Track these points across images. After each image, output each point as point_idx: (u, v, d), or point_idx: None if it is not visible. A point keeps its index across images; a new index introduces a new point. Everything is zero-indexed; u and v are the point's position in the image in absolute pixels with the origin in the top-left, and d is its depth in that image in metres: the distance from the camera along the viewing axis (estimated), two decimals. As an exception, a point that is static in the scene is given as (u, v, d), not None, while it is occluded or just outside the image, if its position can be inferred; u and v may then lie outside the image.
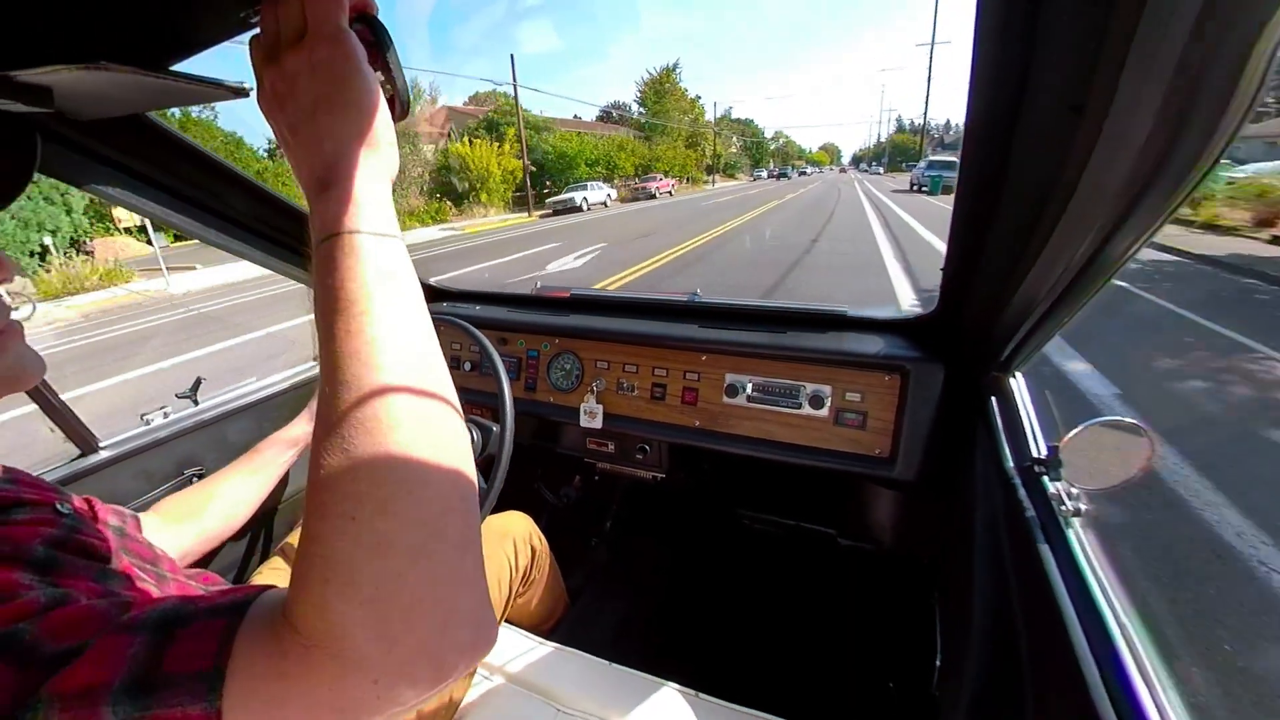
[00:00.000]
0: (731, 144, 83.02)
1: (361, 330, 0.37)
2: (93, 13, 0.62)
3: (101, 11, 0.62)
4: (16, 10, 0.55)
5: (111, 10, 0.62)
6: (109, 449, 1.09)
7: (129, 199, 0.96)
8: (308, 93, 0.42)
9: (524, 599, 1.21)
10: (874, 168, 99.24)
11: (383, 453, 0.34)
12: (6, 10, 0.56)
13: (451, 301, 1.68)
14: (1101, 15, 0.43)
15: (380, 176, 0.44)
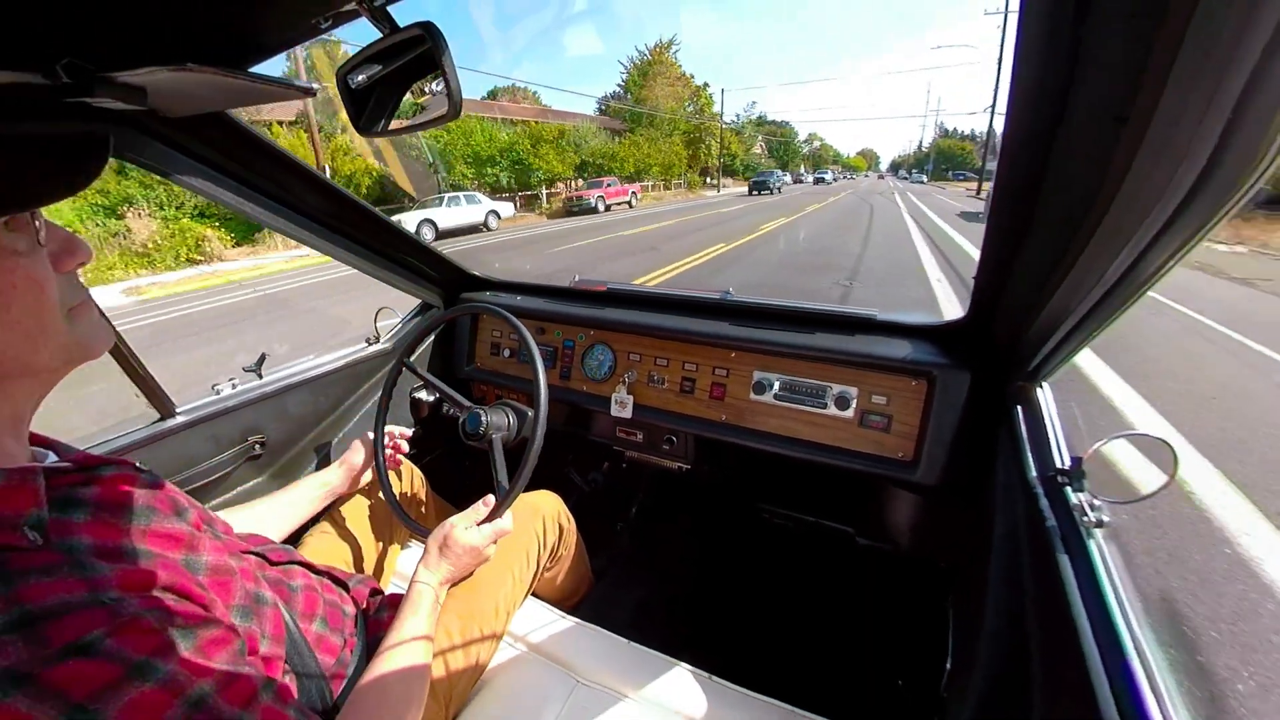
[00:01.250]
0: (755, 144, 73.68)
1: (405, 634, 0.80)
2: (180, 19, 0.67)
3: (188, 18, 0.67)
4: (114, 17, 0.61)
5: (197, 17, 0.68)
6: (184, 414, 1.18)
7: (208, 189, 1.03)
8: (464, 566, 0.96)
9: (550, 574, 1.25)
10: (915, 175, 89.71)
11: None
12: (105, 17, 0.61)
13: (494, 291, 1.73)
14: (1148, 25, 0.43)
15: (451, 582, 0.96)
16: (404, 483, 1.32)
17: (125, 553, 0.51)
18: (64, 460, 0.58)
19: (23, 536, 0.45)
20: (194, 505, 0.68)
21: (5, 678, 0.38)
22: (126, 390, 1.11)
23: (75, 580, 0.45)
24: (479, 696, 0.96)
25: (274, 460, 1.38)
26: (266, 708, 0.51)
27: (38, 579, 0.43)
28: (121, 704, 0.41)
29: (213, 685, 0.47)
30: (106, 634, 0.43)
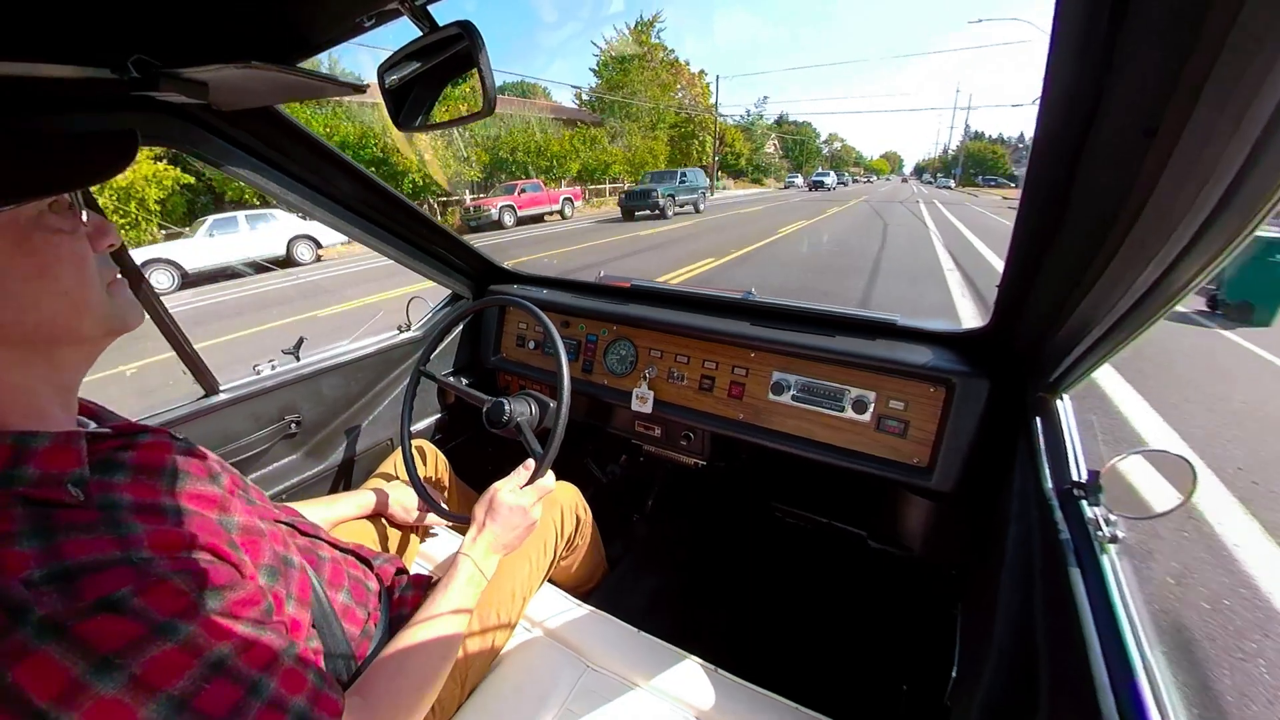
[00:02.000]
0: (767, 143, 64.24)
1: (438, 608, 0.83)
2: (238, 19, 0.70)
3: (245, 17, 0.71)
4: (178, 17, 0.64)
5: (252, 16, 0.71)
6: (227, 392, 1.23)
7: (256, 179, 1.08)
8: (512, 529, 0.98)
9: (566, 562, 1.27)
10: (941, 180, 76.51)
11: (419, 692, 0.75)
12: (171, 17, 0.64)
13: (522, 284, 1.76)
14: (1184, 40, 0.43)
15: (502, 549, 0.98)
16: (428, 467, 1.36)
17: (161, 511, 0.54)
18: (106, 427, 0.62)
19: (66, 492, 0.49)
20: (228, 471, 0.71)
21: (41, 627, 0.41)
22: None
23: (110, 539, 0.48)
24: (492, 677, 0.99)
25: (308, 439, 1.43)
26: (288, 670, 0.53)
27: (77, 535, 0.46)
28: (144, 660, 0.44)
29: (233, 648, 0.49)
30: (134, 592, 0.45)
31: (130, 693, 0.43)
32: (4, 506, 0.45)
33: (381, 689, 0.70)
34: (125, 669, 0.43)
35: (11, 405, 0.51)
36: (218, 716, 0.46)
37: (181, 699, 0.45)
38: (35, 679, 0.40)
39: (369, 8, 0.75)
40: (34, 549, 0.44)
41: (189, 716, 0.45)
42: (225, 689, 0.48)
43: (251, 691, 0.49)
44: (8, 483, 0.47)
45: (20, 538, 0.44)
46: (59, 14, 0.56)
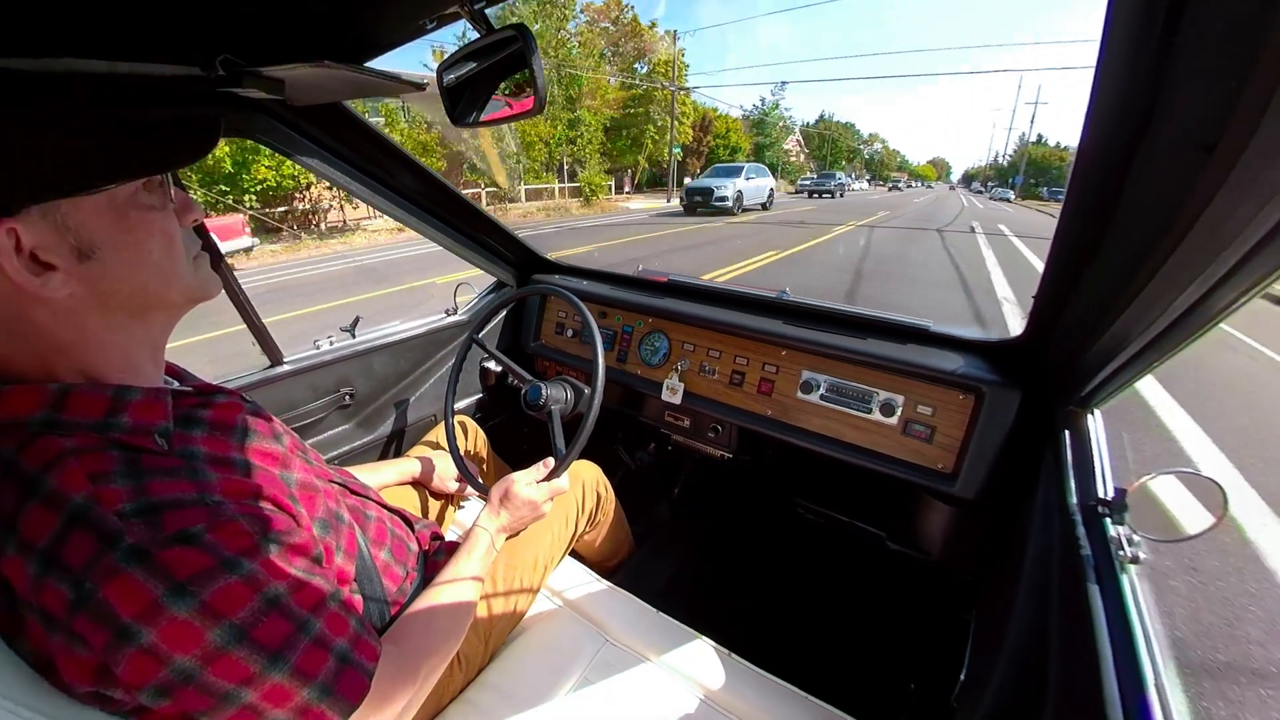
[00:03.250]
0: (786, 139, 50.94)
1: (460, 571, 0.89)
2: (312, 21, 0.75)
3: (319, 20, 0.75)
4: (260, 20, 0.69)
5: (325, 19, 0.75)
6: (290, 364, 1.31)
7: (323, 169, 1.14)
8: (521, 519, 1.05)
9: (590, 537, 1.31)
10: (995, 190, 63.75)
11: (444, 642, 0.79)
12: (254, 20, 0.69)
13: (563, 275, 1.80)
14: (1247, 53, 0.41)
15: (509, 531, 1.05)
16: (469, 441, 1.42)
17: (231, 464, 0.59)
18: (187, 386, 0.68)
19: (153, 441, 0.54)
20: (289, 433, 0.76)
21: (129, 552, 0.46)
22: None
23: (188, 482, 0.53)
24: (516, 641, 1.04)
25: (359, 411, 1.51)
26: (332, 614, 0.58)
27: (162, 478, 0.52)
28: (213, 589, 0.48)
29: (287, 588, 0.54)
30: (206, 529, 0.50)
31: (199, 616, 0.47)
32: (102, 449, 0.51)
33: (412, 639, 0.75)
34: (196, 595, 0.47)
35: (110, 362, 0.57)
36: (271, 647, 0.51)
37: (241, 627, 0.49)
38: (121, 597, 0.45)
39: (431, 11, 0.79)
40: (126, 486, 0.49)
41: (247, 644, 0.49)
42: (279, 623, 0.52)
43: (301, 629, 0.54)
44: (105, 429, 0.52)
45: (115, 476, 0.49)
46: (158, 20, 0.61)
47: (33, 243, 0.48)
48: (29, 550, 0.46)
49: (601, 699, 0.92)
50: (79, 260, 0.51)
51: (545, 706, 0.91)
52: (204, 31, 0.66)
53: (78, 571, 0.45)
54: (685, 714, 0.89)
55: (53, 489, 0.47)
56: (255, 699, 0.50)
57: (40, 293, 0.49)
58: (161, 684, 0.46)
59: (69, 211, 0.50)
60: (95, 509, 0.47)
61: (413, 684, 0.69)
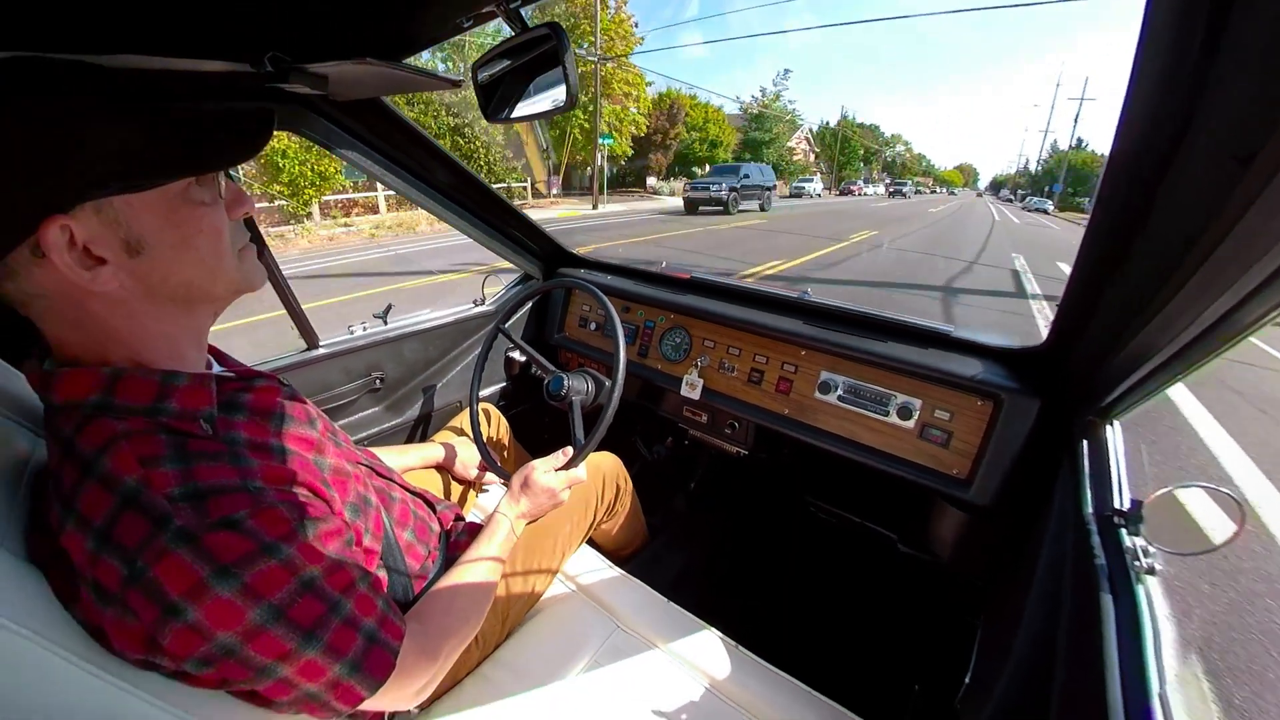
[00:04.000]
0: (790, 136, 43.22)
1: (481, 554, 0.91)
2: (355, 20, 0.77)
3: (361, 19, 0.77)
4: (306, 19, 0.71)
5: (367, 18, 0.77)
6: (325, 348, 1.35)
7: (361, 161, 1.17)
8: (539, 506, 1.06)
9: (607, 526, 1.33)
10: (1030, 200, 52.68)
11: (464, 623, 0.82)
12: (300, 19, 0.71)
13: (588, 269, 1.82)
14: None
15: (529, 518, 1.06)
16: (491, 428, 1.45)
17: (270, 450, 0.61)
18: (228, 371, 0.70)
19: (199, 426, 0.56)
20: (322, 417, 0.79)
21: (178, 534, 0.48)
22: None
23: (231, 468, 0.55)
24: (531, 621, 1.06)
25: (389, 395, 1.55)
26: (361, 595, 0.60)
27: (207, 462, 0.54)
28: (253, 572, 0.50)
29: (321, 570, 0.56)
30: (249, 515, 0.52)
31: (241, 597, 0.49)
32: (152, 432, 0.53)
33: (434, 619, 0.77)
34: (239, 577, 0.50)
35: (158, 349, 0.59)
36: (305, 626, 0.53)
37: (279, 607, 0.52)
38: (170, 576, 0.47)
39: (468, 10, 0.80)
40: (175, 470, 0.51)
41: (283, 623, 0.52)
42: (313, 604, 0.54)
43: (333, 609, 0.56)
44: (154, 414, 0.55)
45: (164, 460, 0.51)
46: (212, 17, 0.63)
47: (85, 237, 0.49)
48: (86, 527, 0.49)
49: (610, 682, 0.94)
50: (129, 255, 0.52)
51: (555, 686, 0.93)
52: (254, 29, 0.69)
53: (130, 550, 0.47)
54: (690, 702, 0.90)
55: (107, 471, 0.50)
56: (290, 673, 0.53)
57: (90, 286, 0.51)
58: (204, 656, 0.49)
59: (121, 207, 0.51)
60: (146, 492, 0.49)
61: (434, 662, 0.72)
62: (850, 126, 65.28)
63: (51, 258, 0.48)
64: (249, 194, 0.65)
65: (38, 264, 0.49)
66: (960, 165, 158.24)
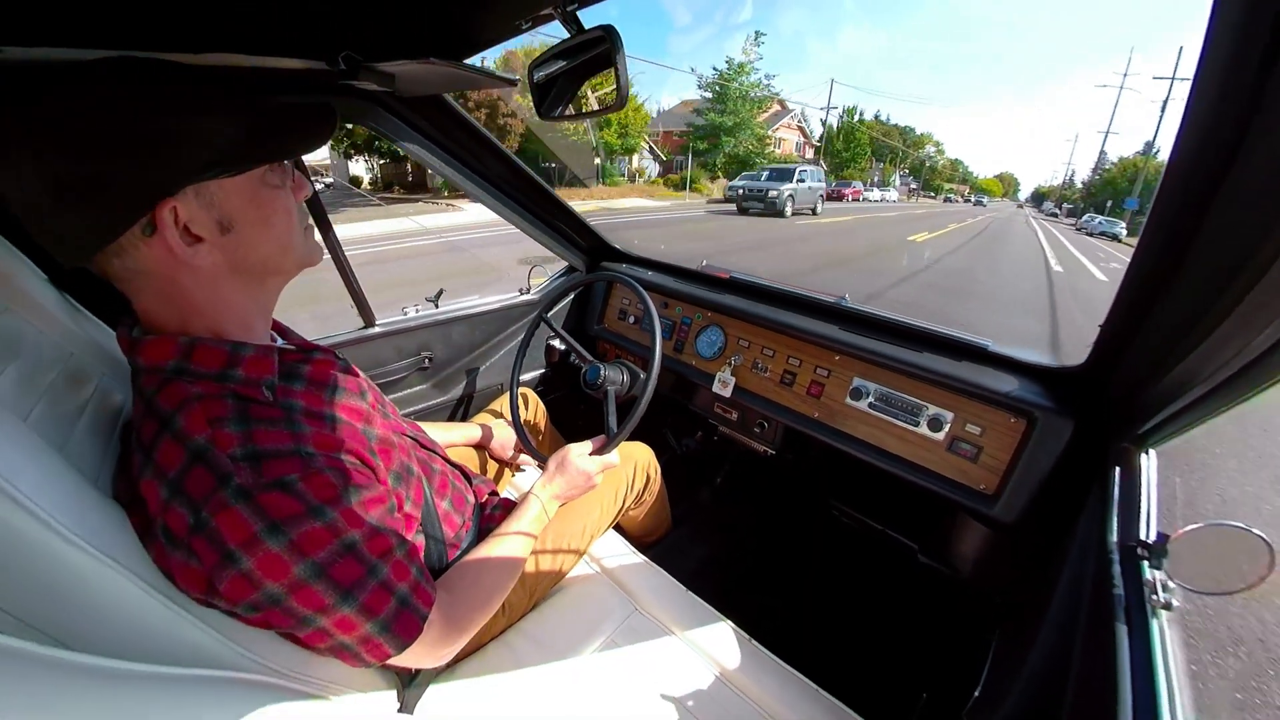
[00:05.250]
0: (776, 124, 36.11)
1: (511, 530, 0.93)
2: (420, 22, 0.80)
3: (426, 21, 0.80)
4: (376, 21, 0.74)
5: (432, 20, 0.80)
6: (381, 326, 1.42)
7: (422, 154, 1.22)
8: (574, 487, 1.07)
9: (634, 513, 1.35)
10: (1092, 220, 33.16)
11: (490, 597, 0.85)
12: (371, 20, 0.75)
13: (630, 264, 1.83)
14: None
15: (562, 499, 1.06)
16: (529, 412, 1.48)
17: (323, 418, 0.65)
18: (290, 344, 0.75)
19: (261, 393, 0.61)
20: (372, 389, 0.83)
21: (237, 490, 0.52)
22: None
23: (287, 434, 0.59)
24: (555, 597, 1.09)
25: (436, 374, 1.61)
26: (397, 561, 0.63)
27: (266, 427, 0.58)
28: (300, 531, 0.54)
29: (362, 535, 0.59)
30: (299, 479, 0.56)
31: (288, 552, 0.53)
32: (220, 396, 0.58)
33: (463, 587, 0.80)
34: (287, 534, 0.53)
35: (232, 321, 0.63)
36: (344, 585, 0.57)
37: (321, 566, 0.55)
38: (228, 527, 0.51)
39: (527, 12, 0.82)
40: (238, 432, 0.55)
41: (324, 580, 0.55)
42: (352, 566, 0.58)
43: (370, 572, 0.59)
44: (223, 379, 0.59)
45: (229, 422, 0.56)
46: (294, 20, 0.67)
47: (187, 217, 0.54)
48: (161, 476, 0.53)
49: (624, 661, 0.96)
50: (221, 233, 0.57)
51: (573, 660, 0.96)
52: (330, 31, 0.73)
53: (197, 501, 0.52)
54: (699, 688, 0.91)
55: (181, 428, 0.54)
56: (327, 625, 0.57)
57: (190, 261, 0.56)
58: (253, 603, 0.53)
59: (215, 190, 0.56)
60: (212, 450, 0.53)
61: (458, 630, 0.75)
62: (871, 126, 51.03)
63: (163, 235, 0.54)
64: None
65: (145, 242, 0.54)
66: (1000, 174, 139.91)
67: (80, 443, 0.61)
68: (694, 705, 0.89)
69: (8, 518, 0.45)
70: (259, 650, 0.59)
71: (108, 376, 0.72)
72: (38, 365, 0.63)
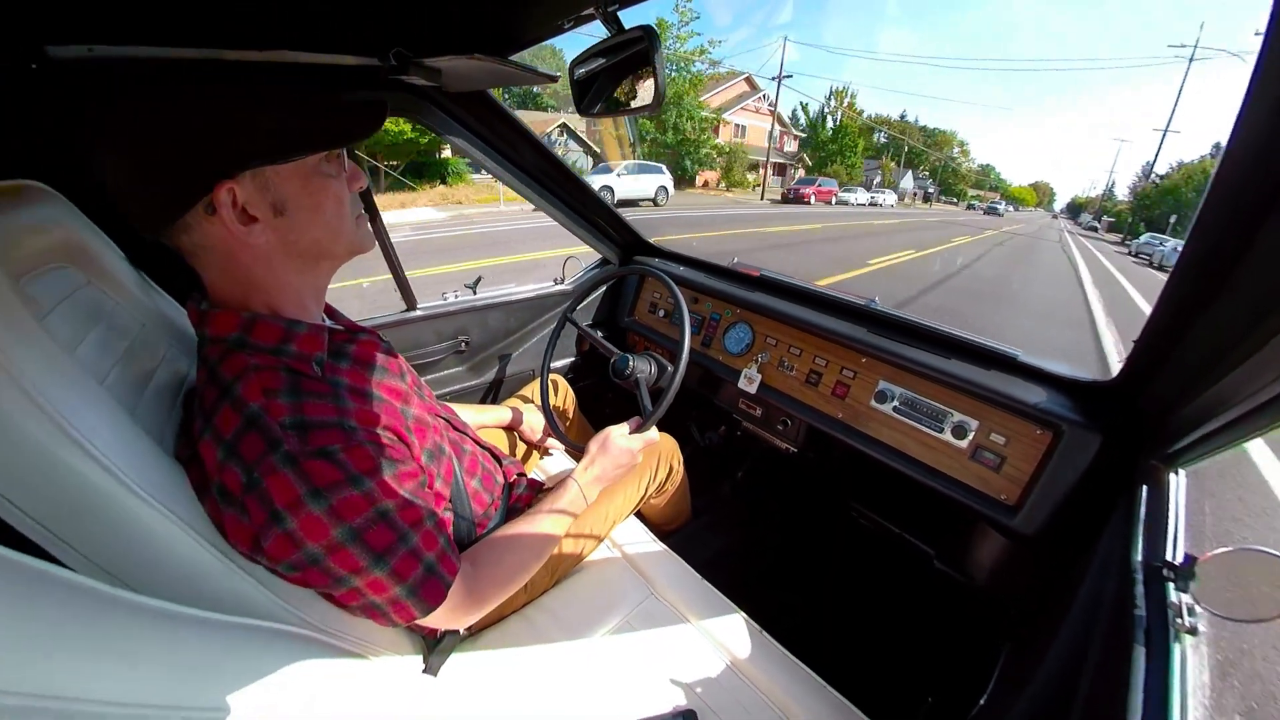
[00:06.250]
0: (723, 113, 29.04)
1: (543, 509, 0.93)
2: (467, 20, 0.82)
3: (472, 19, 0.82)
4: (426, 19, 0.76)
5: (478, 19, 0.82)
6: (422, 310, 1.46)
7: (465, 147, 1.25)
8: (617, 465, 1.06)
9: (656, 501, 1.35)
10: (1156, 243, 20.60)
11: (514, 574, 0.85)
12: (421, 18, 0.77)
13: (663, 259, 1.83)
14: None
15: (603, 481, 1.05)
16: (558, 398, 1.51)
17: (366, 395, 0.68)
18: (338, 324, 0.78)
19: (311, 368, 0.64)
20: (410, 371, 0.86)
21: (285, 456, 0.56)
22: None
23: (332, 407, 0.62)
24: (575, 576, 1.12)
25: (472, 358, 1.65)
26: (427, 532, 0.66)
27: (314, 400, 0.61)
28: (340, 497, 0.57)
29: (395, 505, 0.62)
30: (341, 449, 0.59)
31: (328, 516, 0.56)
32: (275, 369, 0.61)
33: (488, 562, 0.82)
34: (327, 499, 0.57)
35: (288, 300, 0.67)
36: (376, 550, 0.60)
37: (357, 530, 0.58)
38: (277, 489, 0.55)
39: (570, 12, 0.83)
40: (289, 403, 0.59)
41: (359, 544, 0.59)
42: (385, 532, 0.61)
43: (401, 540, 0.62)
44: (278, 353, 0.63)
45: (281, 393, 0.59)
46: (351, 19, 0.70)
47: (244, 199, 0.58)
48: (219, 439, 0.57)
49: (638, 643, 0.98)
50: (274, 215, 0.61)
51: (588, 638, 0.98)
52: (382, 29, 0.75)
53: (249, 463, 0.55)
54: (708, 675, 0.92)
55: (238, 395, 0.58)
56: (360, 585, 0.60)
57: (246, 240, 0.60)
58: (294, 562, 0.57)
59: (270, 175, 0.59)
60: (265, 418, 0.57)
61: (480, 602, 0.77)
62: (843, 103, 38.76)
63: (220, 214, 0.57)
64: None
65: (207, 220, 0.58)
66: (1035, 183, 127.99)
67: (148, 406, 0.66)
68: (702, 691, 0.90)
69: (85, 471, 0.49)
70: (298, 605, 0.63)
71: (174, 348, 0.77)
72: (115, 333, 0.68)
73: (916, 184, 57.58)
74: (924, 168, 63.79)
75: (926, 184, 61.39)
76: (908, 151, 58.29)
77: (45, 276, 0.62)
